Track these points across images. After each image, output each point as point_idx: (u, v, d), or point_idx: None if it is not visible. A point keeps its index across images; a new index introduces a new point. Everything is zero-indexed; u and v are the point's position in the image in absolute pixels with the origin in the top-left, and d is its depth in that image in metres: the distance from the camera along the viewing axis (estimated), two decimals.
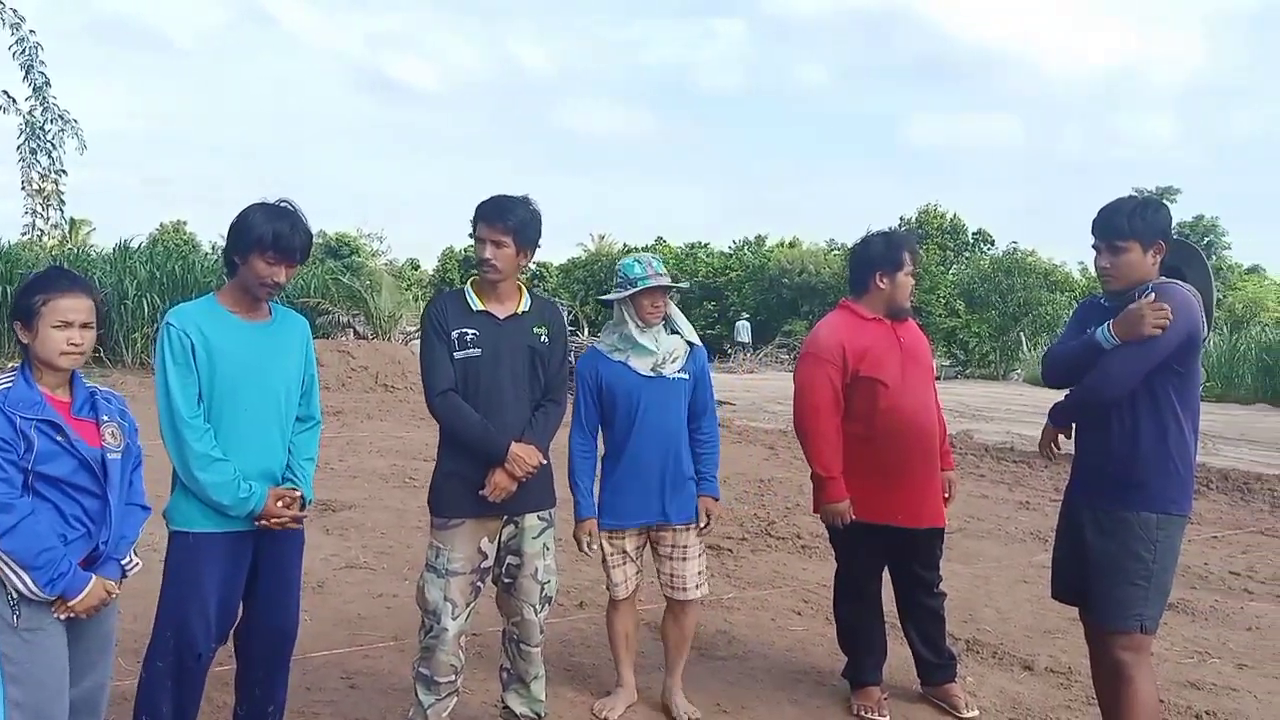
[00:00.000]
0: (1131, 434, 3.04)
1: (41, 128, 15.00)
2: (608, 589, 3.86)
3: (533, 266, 49.61)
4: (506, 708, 3.54)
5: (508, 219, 3.27)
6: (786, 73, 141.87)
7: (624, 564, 3.80)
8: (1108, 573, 3.10)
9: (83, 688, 2.66)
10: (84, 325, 2.61)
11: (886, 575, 4.10)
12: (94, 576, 2.59)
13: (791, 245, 45.01)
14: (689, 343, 3.78)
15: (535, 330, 3.40)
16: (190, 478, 2.88)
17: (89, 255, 25.00)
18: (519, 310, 3.40)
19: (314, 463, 3.19)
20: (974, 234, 42.53)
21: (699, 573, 3.81)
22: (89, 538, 2.61)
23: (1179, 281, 3.10)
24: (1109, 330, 3.06)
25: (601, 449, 3.84)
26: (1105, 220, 3.12)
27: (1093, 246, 3.18)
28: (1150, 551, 3.04)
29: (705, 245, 48.49)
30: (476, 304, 3.36)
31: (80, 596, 2.55)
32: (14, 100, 15.08)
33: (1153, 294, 3.02)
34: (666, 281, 3.66)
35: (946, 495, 4.06)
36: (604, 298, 3.92)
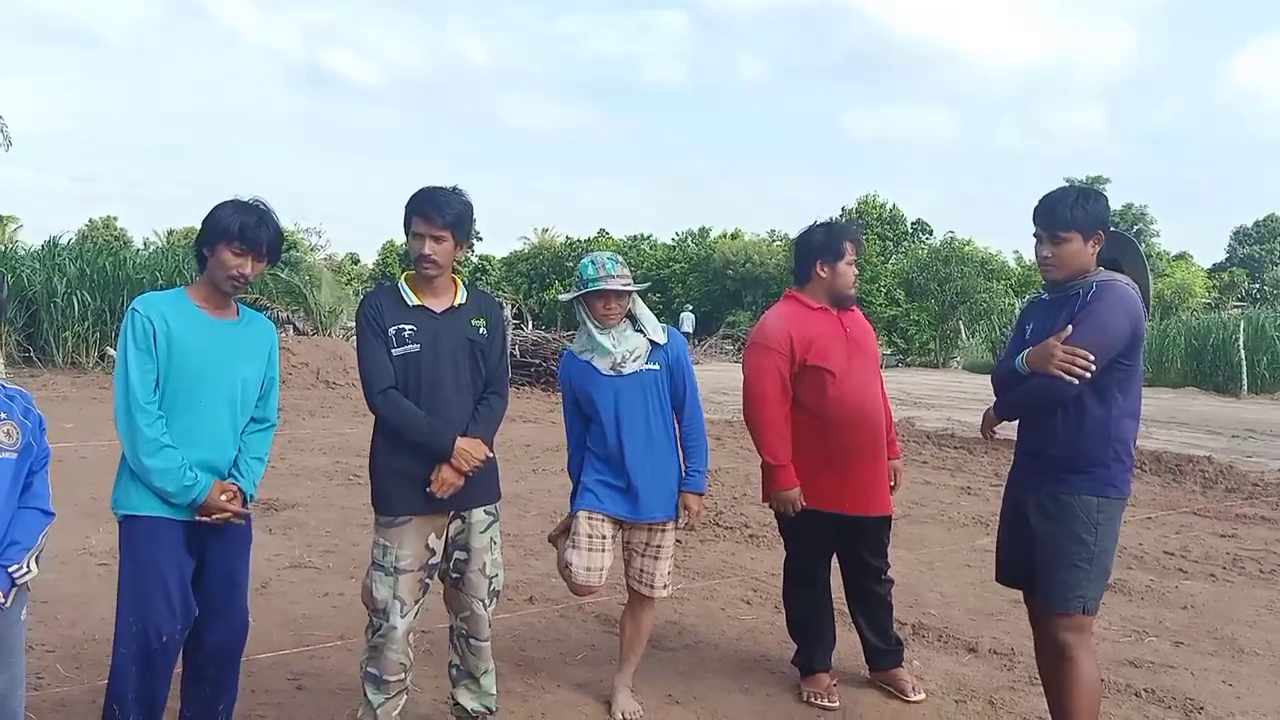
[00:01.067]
0: (1076, 421, 3.09)
1: None
2: (565, 571, 3.69)
3: (475, 259, 49.45)
4: (458, 704, 3.51)
5: (445, 213, 3.23)
6: (727, 66, 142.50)
7: (602, 550, 3.68)
8: (1051, 556, 3.16)
9: None
10: None
11: (835, 563, 4.14)
12: None
13: (734, 237, 45.27)
14: (652, 341, 3.68)
15: (473, 323, 3.36)
16: (137, 462, 2.86)
17: (16, 253, 24.27)
18: (456, 303, 3.35)
19: (263, 463, 3.16)
20: (913, 224, 43.23)
21: (668, 572, 3.80)
22: None
23: (1119, 276, 3.15)
24: (1023, 360, 3.14)
25: None
26: (1048, 210, 3.15)
27: (1034, 235, 3.22)
28: (1091, 534, 3.10)
29: (649, 237, 48.64)
30: (412, 299, 3.31)
31: None
32: None
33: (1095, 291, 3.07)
34: (616, 285, 3.58)
35: (893, 483, 4.11)
36: (561, 298, 3.89)
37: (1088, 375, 2.96)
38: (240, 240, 2.93)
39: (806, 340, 3.86)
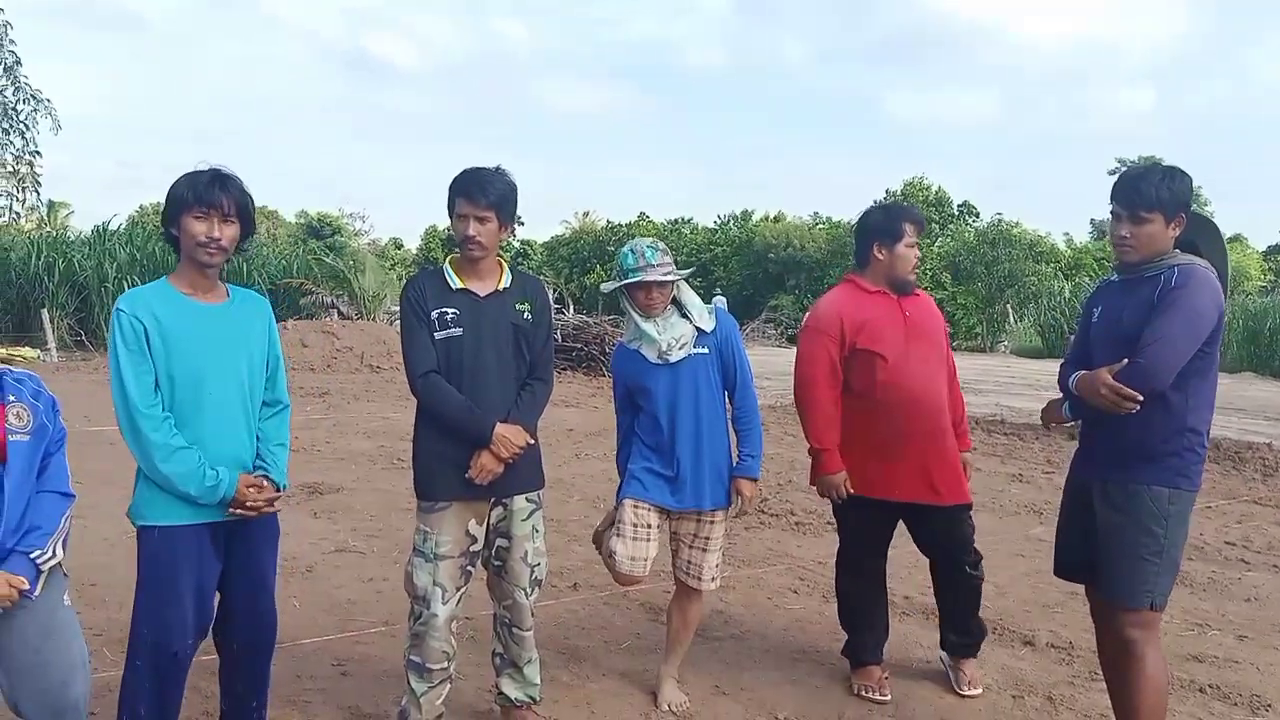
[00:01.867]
0: (1150, 409, 2.91)
1: (14, 108, 14.72)
2: (609, 561, 3.60)
3: (516, 244, 49.57)
4: (501, 693, 3.46)
5: (489, 194, 3.17)
6: (769, 47, 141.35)
7: (647, 540, 3.59)
8: (1118, 549, 3.02)
9: (41, 689, 2.51)
10: None
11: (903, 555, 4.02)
12: None
13: (777, 220, 44.89)
14: (698, 328, 3.58)
15: (518, 307, 3.29)
16: (154, 470, 2.74)
17: (67, 238, 24.70)
18: (500, 287, 3.29)
19: (286, 448, 3.04)
20: (959, 206, 42.53)
21: (717, 565, 3.70)
22: None
23: (1198, 260, 2.98)
24: (1073, 384, 3.03)
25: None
26: (1131, 188, 2.96)
27: (1112, 213, 3.03)
28: (1162, 527, 2.96)
29: (689, 221, 48.29)
30: (456, 282, 3.25)
31: None
32: None
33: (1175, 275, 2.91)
34: (656, 275, 3.48)
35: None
36: (603, 288, 3.79)
37: (1135, 408, 2.84)
38: (197, 202, 2.75)
39: (858, 324, 3.75)
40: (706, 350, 3.58)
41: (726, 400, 3.68)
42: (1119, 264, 3.12)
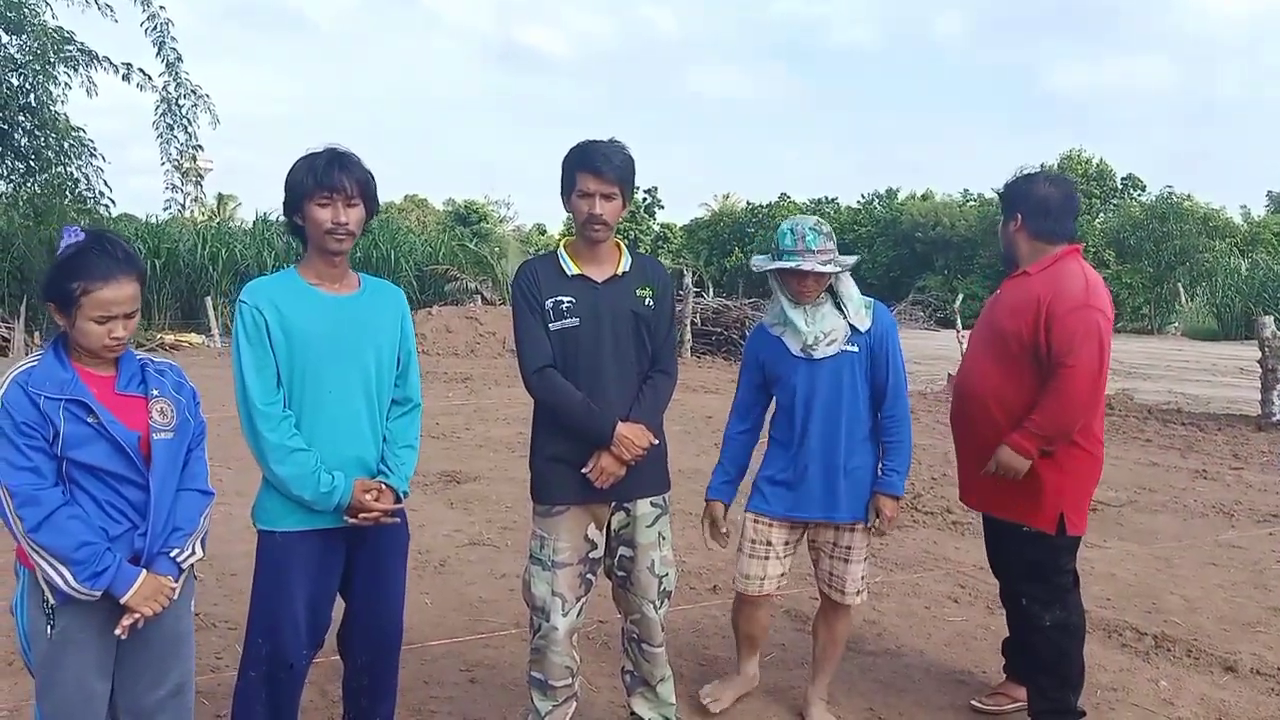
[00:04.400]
0: None
1: (176, 103, 15.35)
2: (734, 581, 3.42)
3: (656, 228, 49.56)
4: (634, 714, 3.19)
5: (615, 166, 2.87)
6: (920, 21, 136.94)
7: (765, 557, 3.32)
8: None
9: (157, 699, 2.40)
10: (128, 316, 2.29)
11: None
12: (144, 571, 2.29)
13: (924, 198, 43.39)
14: (852, 325, 3.20)
15: (638, 293, 2.98)
16: (268, 471, 2.60)
17: (229, 229, 25.98)
18: (619, 271, 2.98)
19: (414, 450, 2.82)
20: (1123, 179, 40.11)
21: (861, 577, 3.33)
22: (134, 532, 2.31)
23: None
24: None
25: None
26: None
27: None
28: None
29: (832, 200, 47.25)
30: (571, 268, 2.96)
31: (131, 591, 2.25)
32: (150, 78, 15.47)
33: None
34: (812, 265, 3.09)
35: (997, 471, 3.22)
36: (754, 264, 3.39)
37: None
38: (319, 187, 2.58)
39: None
40: (856, 349, 3.19)
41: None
42: None
